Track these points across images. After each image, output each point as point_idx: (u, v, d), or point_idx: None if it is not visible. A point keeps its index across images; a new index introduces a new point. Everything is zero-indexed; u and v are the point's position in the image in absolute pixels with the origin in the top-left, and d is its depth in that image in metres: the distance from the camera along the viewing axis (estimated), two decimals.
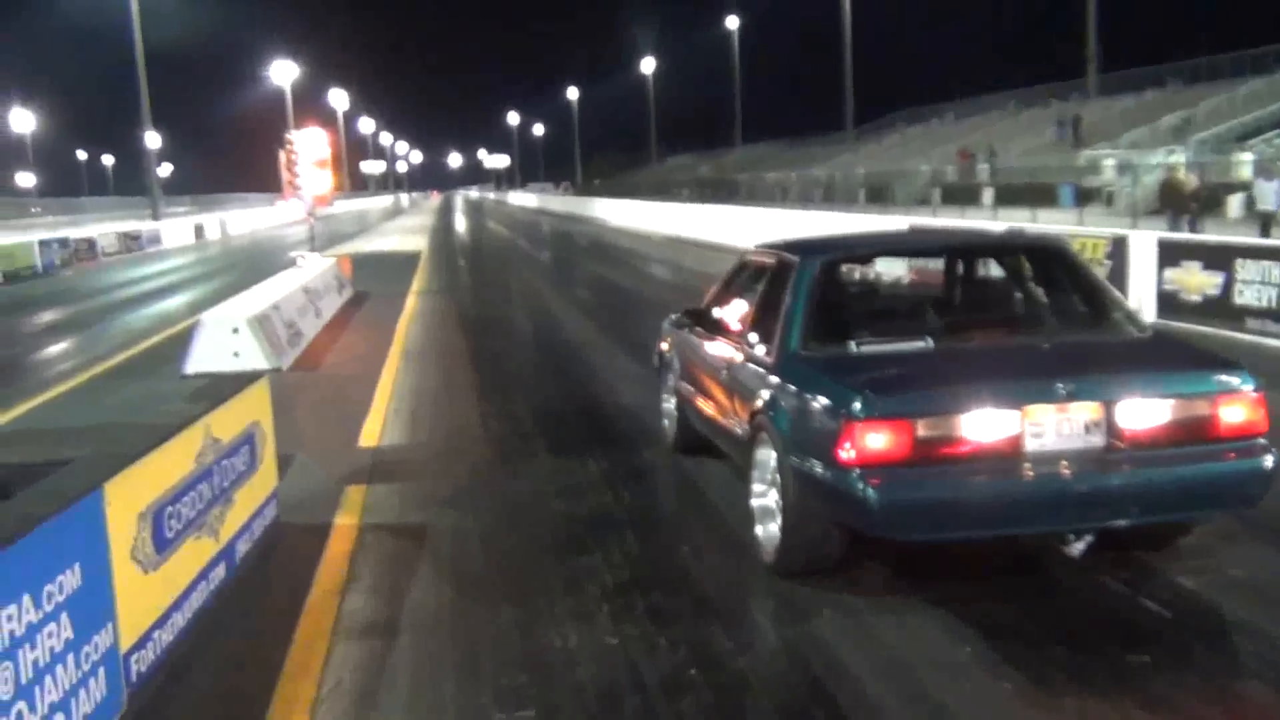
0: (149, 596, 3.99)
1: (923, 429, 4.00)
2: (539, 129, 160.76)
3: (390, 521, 6.07)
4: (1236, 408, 4.16)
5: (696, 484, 6.56)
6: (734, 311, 5.86)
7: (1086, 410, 4.07)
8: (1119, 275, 12.85)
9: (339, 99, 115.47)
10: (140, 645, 3.87)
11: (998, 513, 4.10)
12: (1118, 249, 13.23)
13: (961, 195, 33.62)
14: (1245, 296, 11.27)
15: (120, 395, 10.57)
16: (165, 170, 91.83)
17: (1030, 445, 4.04)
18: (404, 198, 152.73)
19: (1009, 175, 35.08)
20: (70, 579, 3.31)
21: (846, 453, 4.03)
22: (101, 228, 39.34)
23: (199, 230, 46.13)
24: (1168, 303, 12.27)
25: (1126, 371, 4.31)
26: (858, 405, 4.06)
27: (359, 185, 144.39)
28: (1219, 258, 11.75)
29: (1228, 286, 11.49)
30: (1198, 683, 3.73)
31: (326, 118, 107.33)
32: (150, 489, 4.07)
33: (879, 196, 39.63)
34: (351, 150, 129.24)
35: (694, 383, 6.29)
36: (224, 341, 10.80)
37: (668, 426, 7.18)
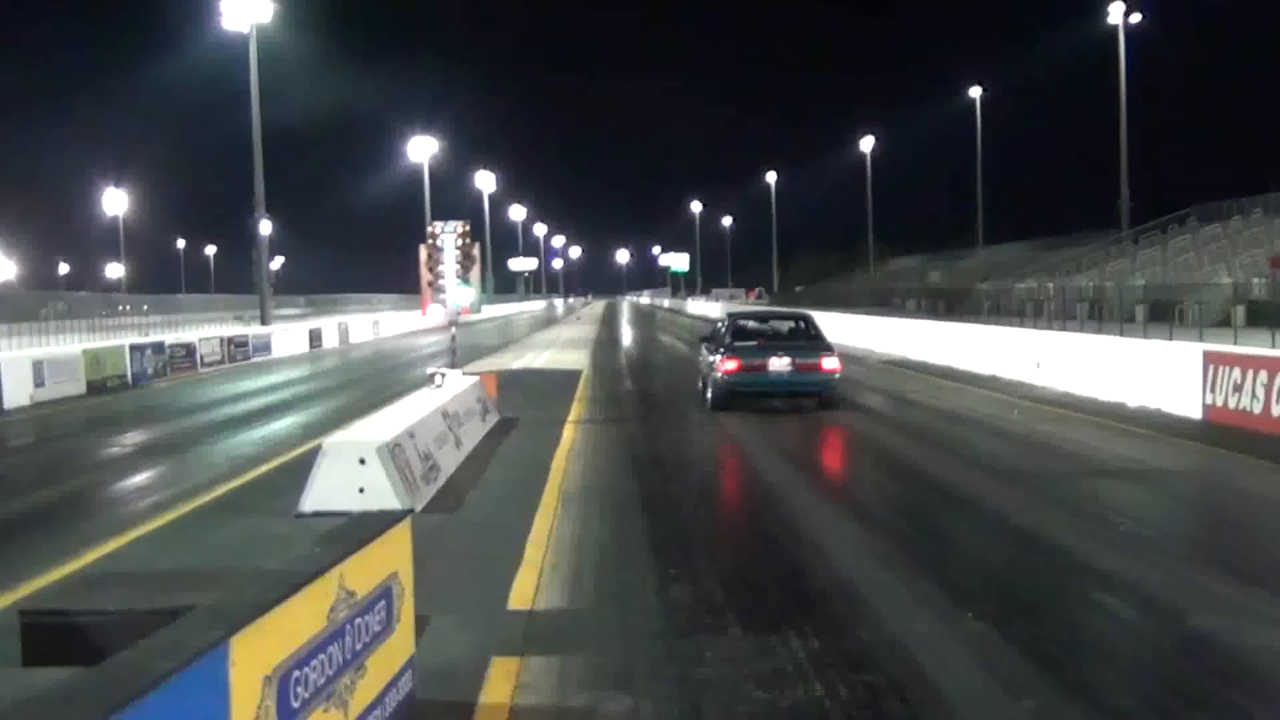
0: None
1: (741, 362, 19.02)
2: (727, 221, 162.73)
3: (548, 704, 6.16)
4: (829, 360, 19.20)
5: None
6: (712, 338, 21.65)
7: (787, 359, 19.11)
8: None
9: (485, 180, 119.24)
10: None
11: (760, 387, 19.40)
12: None
13: (1274, 314, 32.46)
14: None
15: (224, 535, 11.04)
16: (277, 263, 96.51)
17: (771, 368, 19.08)
18: (558, 303, 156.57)
19: None
20: None
21: (723, 365, 19.31)
22: (202, 332, 41.83)
23: (315, 336, 48.90)
24: None
25: (803, 351, 19.54)
26: (727, 355, 19.49)
27: (505, 286, 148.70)
28: None
29: None
30: None
31: (469, 208, 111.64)
32: (278, 648, 4.26)
33: (1163, 314, 38.63)
34: (496, 244, 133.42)
35: (704, 361, 21.36)
36: (348, 474, 11.17)
37: (709, 393, 20.50)
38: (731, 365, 19.23)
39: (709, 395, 20.32)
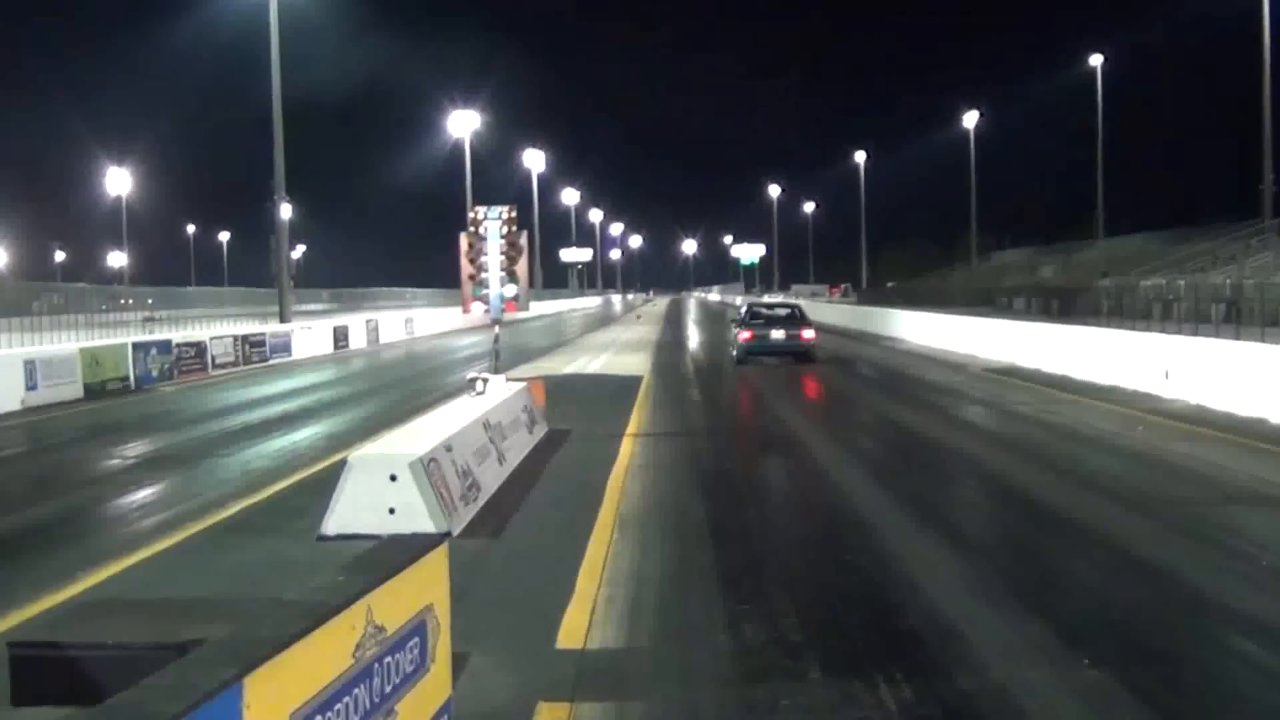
0: None
1: (754, 333, 35.26)
2: (809, 208, 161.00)
3: None
4: (807, 331, 35.47)
5: None
6: (743, 315, 39.06)
7: (781, 331, 35.55)
8: None
9: (534, 160, 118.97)
10: None
11: (765, 349, 34.96)
12: None
13: None
14: None
15: (238, 559, 11.15)
16: (298, 253, 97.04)
17: (771, 336, 35.45)
18: (615, 300, 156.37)
19: None
20: None
21: (741, 335, 35.52)
22: (214, 329, 42.06)
23: (340, 336, 49.38)
24: None
25: (791, 326, 35.95)
26: (744, 328, 35.91)
27: (556, 280, 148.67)
28: None
29: None
30: None
31: (515, 192, 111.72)
32: (298, 689, 4.27)
33: None
34: (547, 232, 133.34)
35: (731, 335, 38.41)
36: (377, 492, 11.21)
37: (734, 354, 36.20)
38: (747, 335, 35.54)
39: (734, 354, 36.28)
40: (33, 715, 4.83)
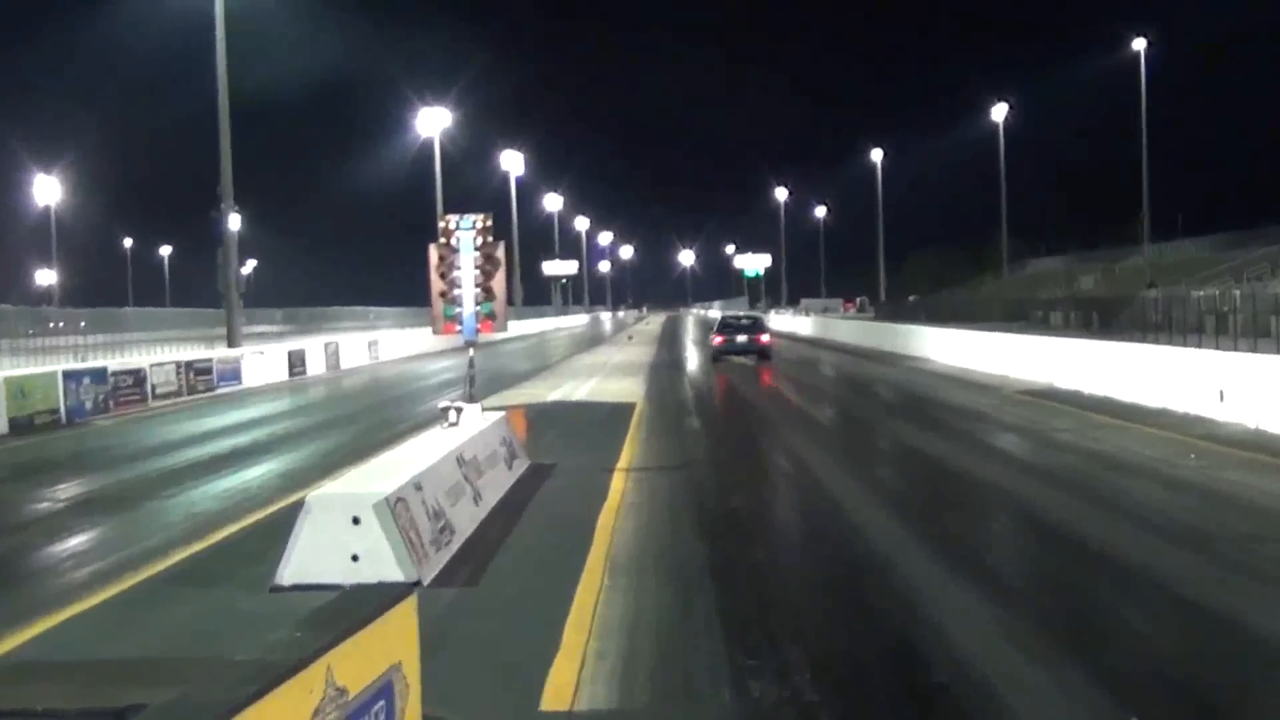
0: None
1: (724, 339, 51.96)
2: (820, 212, 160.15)
3: None
4: (764, 336, 52.09)
5: None
6: (717, 324, 59.82)
7: (744, 336, 52.01)
8: None
9: (512, 163, 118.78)
10: None
11: (732, 350, 51.11)
12: None
13: None
14: None
15: (183, 613, 11.08)
16: (248, 268, 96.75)
17: (738, 340, 51.68)
18: (605, 317, 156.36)
19: None
20: None
21: (715, 339, 52.98)
22: (154, 355, 42.12)
23: (296, 361, 49.19)
24: None
25: (752, 332, 52.61)
26: (717, 333, 54.00)
27: (538, 295, 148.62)
28: None
29: None
30: None
31: (492, 199, 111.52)
32: None
33: None
34: (527, 243, 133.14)
35: (710, 339, 56.82)
36: (338, 537, 11.14)
37: (711, 354, 53.52)
38: (719, 339, 51.05)
39: (710, 354, 51.73)
40: None
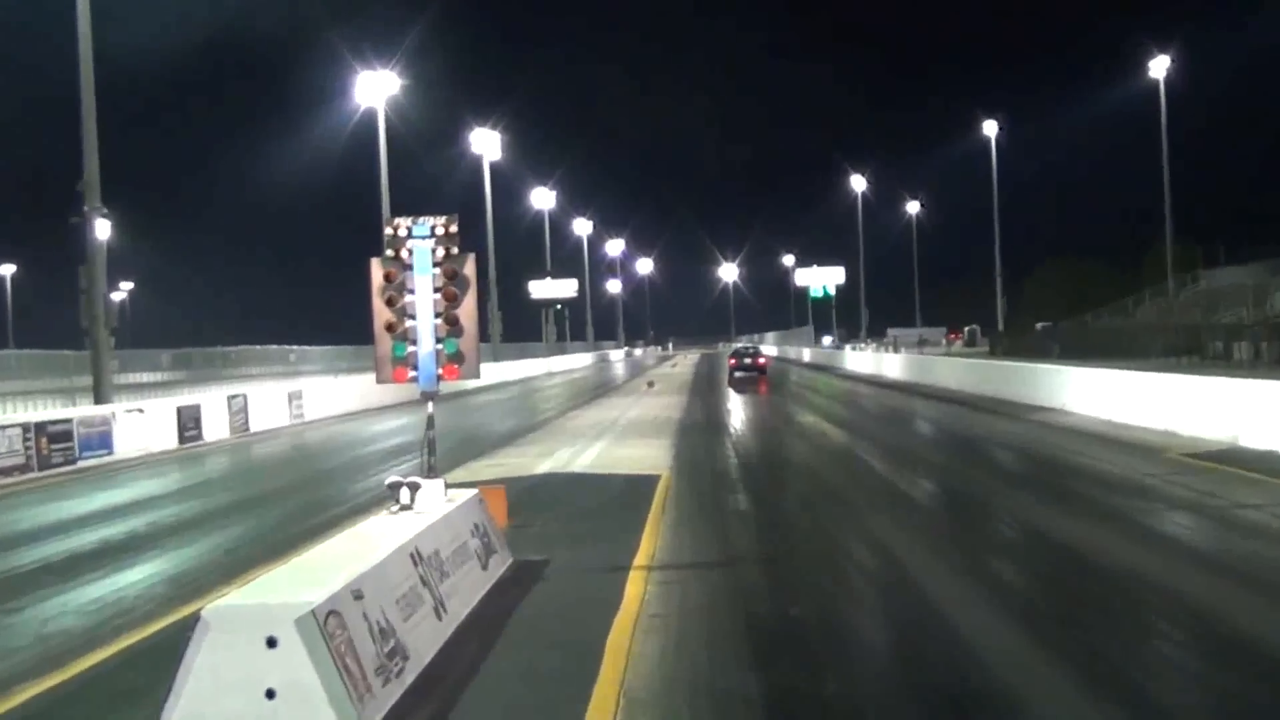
0: None
1: (736, 362, 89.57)
2: (913, 208, 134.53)
3: None
4: (762, 359, 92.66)
5: None
6: (730, 354, 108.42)
7: (749, 359, 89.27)
8: None
9: (486, 143, 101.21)
10: None
11: (742, 371, 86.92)
12: None
13: None
14: None
15: None
16: (123, 293, 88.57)
17: (744, 362, 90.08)
18: (614, 356, 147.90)
19: None
20: None
21: (729, 365, 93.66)
22: None
23: (190, 421, 42.94)
24: None
25: (754, 358, 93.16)
26: (731, 357, 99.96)
27: (523, 327, 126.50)
28: None
29: None
30: None
31: (461, 200, 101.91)
32: None
33: None
34: (507, 256, 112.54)
35: (728, 360, 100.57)
36: (247, 666, 9.52)
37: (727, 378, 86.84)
38: (732, 363, 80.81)
39: (727, 378, 77.76)
40: None
